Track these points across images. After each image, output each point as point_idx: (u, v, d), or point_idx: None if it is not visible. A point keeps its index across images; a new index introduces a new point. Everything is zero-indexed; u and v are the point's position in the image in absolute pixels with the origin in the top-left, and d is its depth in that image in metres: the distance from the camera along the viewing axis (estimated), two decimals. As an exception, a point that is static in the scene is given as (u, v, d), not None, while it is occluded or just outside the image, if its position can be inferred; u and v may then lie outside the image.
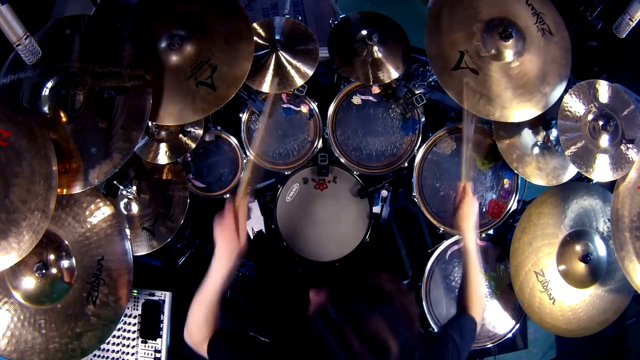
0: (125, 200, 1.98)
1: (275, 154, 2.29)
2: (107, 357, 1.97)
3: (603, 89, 1.84)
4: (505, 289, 2.17)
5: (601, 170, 1.79)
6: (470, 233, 1.62)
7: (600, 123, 1.80)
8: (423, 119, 2.24)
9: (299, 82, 2.05)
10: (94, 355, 1.96)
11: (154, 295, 1.99)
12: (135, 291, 1.97)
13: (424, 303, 2.14)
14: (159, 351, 1.97)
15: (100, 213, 1.77)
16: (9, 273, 1.66)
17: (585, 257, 1.91)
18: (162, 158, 1.99)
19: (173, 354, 2.02)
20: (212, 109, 1.76)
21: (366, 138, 2.27)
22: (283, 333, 1.41)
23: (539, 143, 2.02)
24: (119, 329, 1.98)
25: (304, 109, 2.27)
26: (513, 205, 2.17)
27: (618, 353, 2.83)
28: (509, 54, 1.81)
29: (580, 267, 1.94)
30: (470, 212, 1.64)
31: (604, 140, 1.81)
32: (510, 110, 1.81)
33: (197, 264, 2.42)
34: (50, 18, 2.39)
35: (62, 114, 1.64)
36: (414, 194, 2.20)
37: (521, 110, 1.82)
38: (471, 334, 1.46)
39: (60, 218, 1.73)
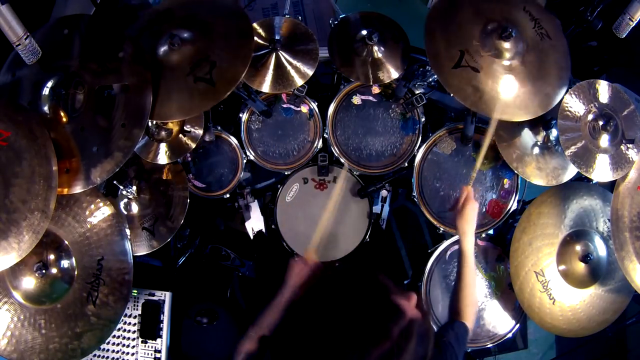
0: (125, 200, 1.98)
1: (275, 154, 2.29)
2: (107, 357, 1.97)
3: (603, 89, 1.84)
4: (505, 289, 2.17)
5: (601, 170, 1.79)
6: (470, 236, 1.66)
7: (600, 123, 1.80)
8: (423, 119, 2.24)
9: (299, 82, 2.05)
10: (94, 355, 1.96)
11: (154, 295, 1.99)
12: (135, 291, 1.97)
13: (423, 303, 2.14)
14: (159, 351, 1.97)
15: (100, 213, 1.77)
16: (9, 273, 1.66)
17: (585, 257, 1.91)
18: (162, 158, 1.99)
19: (173, 354, 2.02)
20: (210, 104, 1.75)
21: (366, 138, 2.27)
22: (284, 333, 1.42)
23: (539, 143, 2.02)
24: (119, 329, 1.98)
25: (304, 109, 2.27)
26: (513, 205, 2.17)
27: (618, 353, 2.84)
28: (509, 54, 1.81)
29: (580, 267, 1.94)
30: (473, 216, 1.69)
31: (604, 140, 1.81)
32: (512, 109, 1.81)
33: (197, 264, 2.42)
34: (50, 18, 2.39)
35: (62, 114, 1.65)
36: (414, 194, 2.20)
37: (522, 110, 1.82)
38: (464, 340, 1.45)
39: (60, 218, 1.73)
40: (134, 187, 1.95)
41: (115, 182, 1.90)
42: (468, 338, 1.48)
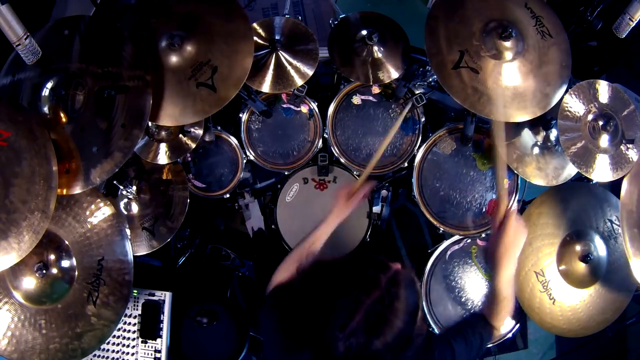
0: (125, 200, 1.98)
1: (275, 154, 2.29)
2: (107, 357, 1.97)
3: (603, 89, 1.84)
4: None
5: (601, 170, 1.79)
6: (508, 272, 1.34)
7: (600, 123, 1.80)
8: (423, 119, 2.24)
9: (299, 82, 2.05)
10: (94, 355, 1.96)
11: (154, 295, 1.99)
12: (135, 291, 1.97)
13: (424, 303, 2.14)
14: (159, 351, 1.97)
15: (100, 213, 1.77)
16: (9, 273, 1.66)
17: (585, 257, 1.91)
18: (162, 158, 1.99)
19: (173, 354, 2.02)
20: (212, 110, 1.76)
21: (366, 138, 2.27)
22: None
23: (539, 143, 2.02)
24: (119, 329, 1.98)
25: (304, 109, 2.27)
26: (513, 205, 2.17)
27: (618, 353, 2.83)
28: (508, 54, 1.80)
29: (581, 267, 1.94)
30: (516, 245, 1.34)
31: (604, 140, 1.81)
32: (510, 110, 1.81)
33: (197, 264, 2.42)
34: (50, 18, 2.39)
35: (62, 114, 1.65)
36: (414, 194, 2.20)
37: (521, 111, 1.82)
38: (479, 343, 1.37)
39: (61, 218, 1.73)
40: (134, 187, 1.95)
41: (115, 182, 1.90)
42: (489, 340, 1.41)
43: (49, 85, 1.66)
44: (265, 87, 2.04)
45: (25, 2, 1.64)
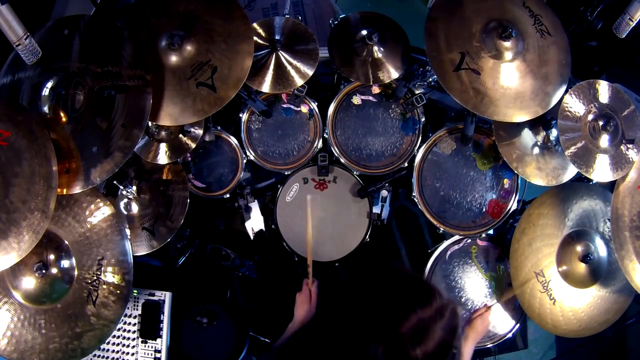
0: (125, 200, 1.98)
1: (275, 154, 2.29)
2: (107, 357, 1.97)
3: (603, 89, 1.84)
4: (505, 289, 2.17)
5: (601, 171, 1.79)
6: (470, 343, 1.91)
7: (600, 123, 1.80)
8: (423, 119, 2.24)
9: (299, 82, 2.05)
10: (94, 355, 1.96)
11: (154, 295, 1.99)
12: (135, 291, 1.97)
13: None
14: (159, 351, 1.97)
15: (100, 213, 1.77)
16: (9, 273, 1.66)
17: (586, 258, 1.91)
18: (162, 158, 1.99)
19: (173, 354, 2.02)
20: (212, 110, 1.76)
21: (366, 138, 2.27)
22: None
23: (539, 143, 2.02)
24: (119, 329, 1.98)
25: (304, 109, 2.27)
26: (513, 205, 2.17)
27: (618, 353, 2.84)
28: (509, 54, 1.81)
29: (581, 267, 1.93)
30: (482, 331, 1.98)
31: (604, 140, 1.81)
32: (512, 111, 1.81)
33: (197, 264, 2.42)
34: (50, 18, 2.39)
35: (62, 114, 1.64)
36: (414, 194, 2.20)
37: (523, 111, 1.82)
38: None
39: (60, 218, 1.73)
40: (134, 187, 1.95)
41: (115, 182, 1.90)
42: None
43: (49, 84, 1.66)
44: (265, 87, 2.04)
45: (25, 2, 1.64)
